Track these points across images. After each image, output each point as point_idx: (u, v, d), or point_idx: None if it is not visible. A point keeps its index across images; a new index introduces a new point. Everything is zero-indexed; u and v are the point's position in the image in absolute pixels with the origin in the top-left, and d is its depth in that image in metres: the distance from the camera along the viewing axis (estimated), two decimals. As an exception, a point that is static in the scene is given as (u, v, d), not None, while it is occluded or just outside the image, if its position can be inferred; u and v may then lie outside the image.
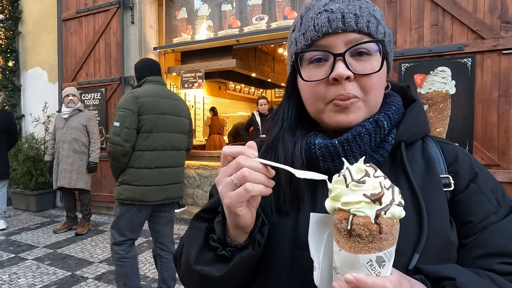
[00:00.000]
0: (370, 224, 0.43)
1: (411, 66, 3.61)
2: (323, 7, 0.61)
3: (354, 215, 0.44)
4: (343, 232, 0.45)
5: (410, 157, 0.64)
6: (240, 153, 0.52)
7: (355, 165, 0.47)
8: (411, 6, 3.61)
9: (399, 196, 0.45)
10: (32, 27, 6.78)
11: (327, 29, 0.60)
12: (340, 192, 0.46)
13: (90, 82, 5.86)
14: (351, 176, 0.46)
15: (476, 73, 3.34)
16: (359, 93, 0.61)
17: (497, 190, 0.63)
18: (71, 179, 4.58)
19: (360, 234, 0.43)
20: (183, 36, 5.72)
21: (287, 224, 0.62)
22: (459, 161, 0.65)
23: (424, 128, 0.69)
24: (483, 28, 3.30)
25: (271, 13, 4.98)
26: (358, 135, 0.61)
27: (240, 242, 0.58)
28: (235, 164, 0.51)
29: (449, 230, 0.59)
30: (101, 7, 5.69)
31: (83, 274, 3.51)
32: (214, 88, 9.53)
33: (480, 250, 0.58)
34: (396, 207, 0.44)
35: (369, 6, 0.62)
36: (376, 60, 0.61)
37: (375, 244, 0.44)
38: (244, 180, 0.50)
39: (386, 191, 0.44)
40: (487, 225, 0.59)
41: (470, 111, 3.37)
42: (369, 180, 0.45)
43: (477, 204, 0.61)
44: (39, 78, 6.68)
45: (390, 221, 0.44)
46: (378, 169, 0.47)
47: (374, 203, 0.43)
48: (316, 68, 0.62)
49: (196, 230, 0.62)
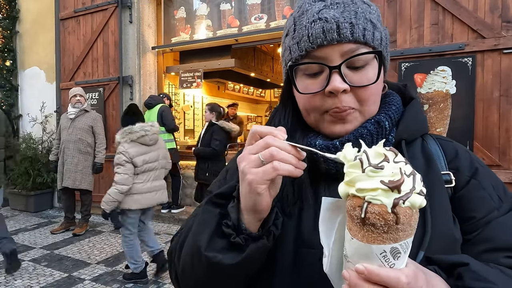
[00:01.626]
0: (386, 214, 0.40)
1: (411, 66, 3.58)
2: (317, 14, 0.59)
3: (369, 203, 0.41)
4: (356, 220, 0.42)
5: (411, 155, 0.64)
6: (270, 133, 0.51)
7: (373, 148, 0.44)
8: (411, 5, 3.58)
9: (421, 184, 0.42)
10: (29, 27, 6.74)
11: (322, 41, 0.58)
12: (355, 177, 0.43)
13: (88, 82, 5.82)
14: (368, 160, 0.43)
15: (477, 72, 3.31)
16: (356, 104, 0.60)
17: (498, 186, 0.64)
18: (75, 180, 4.58)
19: (375, 223, 0.40)
20: (182, 36, 5.68)
21: (290, 223, 0.61)
22: (459, 157, 0.65)
23: (423, 126, 0.69)
24: (483, 27, 3.28)
25: (270, 13, 4.96)
26: (359, 136, 0.60)
27: (254, 231, 0.55)
28: (263, 143, 0.50)
29: (452, 227, 0.59)
30: (99, 6, 5.65)
31: (80, 275, 3.48)
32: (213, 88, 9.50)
33: (484, 245, 0.58)
34: (417, 196, 0.41)
35: (365, 10, 0.60)
36: (372, 69, 0.60)
37: (390, 234, 0.41)
38: (272, 158, 0.49)
39: (407, 178, 0.41)
40: (490, 220, 0.59)
41: (470, 111, 3.35)
42: (388, 166, 0.42)
43: (479, 200, 0.61)
44: (37, 77, 6.64)
45: (409, 210, 0.41)
46: (399, 153, 0.44)
47: (392, 191, 0.40)
48: (311, 79, 0.61)
49: (209, 215, 0.58)
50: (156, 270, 3.41)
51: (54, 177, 6.08)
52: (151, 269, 3.46)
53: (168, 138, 5.17)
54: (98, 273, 3.52)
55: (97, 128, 4.73)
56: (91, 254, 4.03)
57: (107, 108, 5.69)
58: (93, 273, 3.53)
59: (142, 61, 5.58)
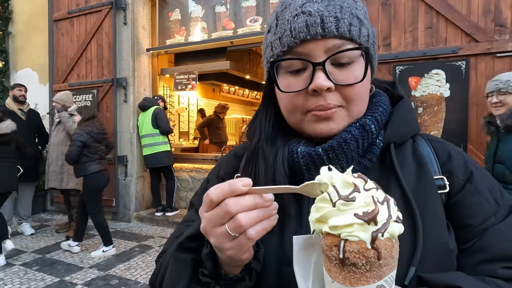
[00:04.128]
0: (366, 250, 0.36)
1: (406, 69, 3.60)
2: (300, 8, 0.55)
3: (346, 241, 0.37)
4: (335, 260, 0.38)
5: (401, 159, 0.60)
6: (231, 192, 0.43)
7: (340, 177, 0.40)
8: (406, 8, 3.60)
9: (396, 208, 0.39)
10: (22, 27, 6.67)
11: (305, 36, 0.54)
12: (326, 213, 0.39)
13: (81, 84, 5.77)
14: (337, 192, 0.39)
15: (470, 76, 3.34)
16: (341, 102, 0.57)
17: (495, 189, 0.59)
18: (62, 181, 4.63)
19: (356, 263, 0.37)
20: (177, 38, 5.66)
21: (272, 241, 0.57)
22: (452, 160, 0.61)
23: (414, 126, 0.65)
24: (477, 31, 3.31)
25: (265, 15, 4.96)
26: (343, 141, 0.57)
27: (235, 273, 0.51)
28: (223, 213, 0.43)
29: (447, 237, 0.55)
30: (93, 7, 5.61)
31: (72, 280, 3.42)
32: (208, 90, 9.47)
33: (481, 255, 0.54)
34: (395, 224, 0.38)
35: (351, 5, 0.56)
36: (359, 66, 0.56)
37: (374, 272, 0.37)
38: (242, 228, 0.42)
39: (381, 207, 0.38)
40: (486, 228, 0.55)
41: (464, 114, 3.37)
42: (360, 196, 0.38)
43: (475, 206, 0.57)
44: (30, 79, 6.56)
45: (389, 242, 0.37)
46: (368, 179, 0.40)
47: (369, 224, 0.37)
48: (294, 77, 0.57)
49: (181, 265, 0.53)
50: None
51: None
52: (143, 272, 3.39)
53: (162, 141, 5.14)
54: (90, 278, 3.46)
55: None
56: (84, 258, 3.97)
57: (101, 110, 5.64)
58: (86, 277, 3.48)
59: (137, 63, 5.55)
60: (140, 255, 4.02)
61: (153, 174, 5.36)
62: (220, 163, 0.75)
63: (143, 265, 3.75)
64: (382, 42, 3.69)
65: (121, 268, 3.68)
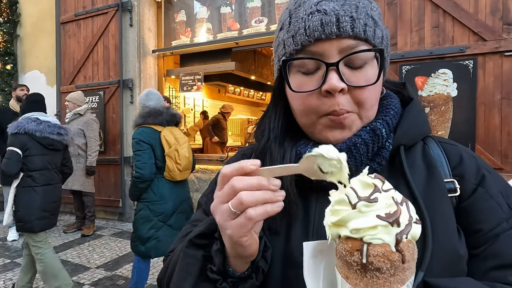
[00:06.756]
0: (391, 254, 0.35)
1: (412, 69, 3.57)
2: (315, 6, 0.54)
3: (369, 244, 0.35)
4: (356, 266, 0.36)
5: (410, 162, 0.58)
6: (240, 168, 0.44)
7: (358, 179, 0.39)
8: (412, 8, 3.57)
9: (414, 210, 0.38)
10: (30, 30, 6.75)
11: (320, 34, 0.53)
12: (346, 216, 0.37)
13: (88, 85, 5.82)
14: (356, 193, 0.37)
15: (478, 75, 3.30)
16: (353, 107, 0.56)
17: (508, 193, 0.58)
18: (67, 181, 4.61)
19: (380, 267, 0.35)
20: (182, 39, 5.68)
21: (278, 243, 0.57)
22: (464, 163, 0.59)
23: (424, 128, 0.63)
24: (484, 30, 3.27)
25: (271, 16, 4.95)
26: (353, 145, 0.56)
27: (242, 271, 0.51)
28: (228, 189, 0.44)
29: (457, 242, 0.53)
30: (100, 10, 5.66)
31: (80, 280, 3.45)
32: (214, 91, 9.50)
33: (493, 261, 0.53)
34: (415, 225, 0.37)
35: (366, 5, 0.55)
36: (372, 69, 0.55)
37: (397, 276, 0.35)
38: (243, 206, 0.43)
39: (402, 208, 0.36)
40: (498, 233, 0.54)
41: (472, 114, 3.33)
42: (381, 197, 0.36)
43: (487, 210, 0.55)
44: (37, 81, 6.64)
45: (411, 244, 0.36)
46: (385, 180, 0.39)
47: (392, 226, 0.35)
48: (306, 76, 0.56)
49: (190, 261, 0.53)
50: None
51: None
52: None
53: (168, 141, 5.16)
54: (97, 278, 3.49)
55: (88, 132, 4.82)
56: (91, 258, 4.00)
57: (107, 112, 5.69)
58: (93, 277, 3.51)
59: (143, 64, 5.58)
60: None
61: (159, 175, 5.38)
62: (228, 163, 0.75)
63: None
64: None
65: (128, 268, 3.69)
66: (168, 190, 2.73)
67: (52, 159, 2.87)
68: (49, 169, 2.83)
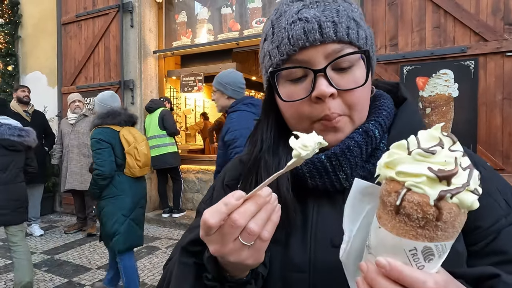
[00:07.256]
0: (426, 206, 0.34)
1: (413, 69, 3.57)
2: (296, 15, 0.54)
3: (408, 190, 0.35)
4: (389, 206, 0.36)
5: None
6: (228, 211, 0.43)
7: (428, 131, 0.38)
8: (413, 8, 3.57)
9: (478, 182, 0.36)
10: (31, 31, 6.76)
11: (304, 43, 0.53)
12: (397, 159, 0.37)
13: (89, 86, 5.83)
14: (418, 142, 0.36)
15: (479, 75, 3.29)
16: (344, 110, 0.56)
17: (505, 190, 0.58)
18: (82, 182, 4.70)
19: (410, 214, 0.34)
20: (183, 40, 5.69)
21: (277, 250, 0.57)
22: None
23: (419, 128, 0.62)
24: (486, 30, 3.26)
25: (271, 16, 4.96)
26: (346, 148, 0.56)
27: (241, 276, 0.51)
28: (234, 230, 0.43)
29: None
30: (101, 10, 5.67)
31: (80, 281, 3.45)
32: (214, 92, 9.50)
33: (495, 257, 0.53)
34: (469, 194, 0.34)
35: (347, 7, 0.56)
36: (359, 70, 0.56)
37: (426, 231, 0.35)
38: (256, 236, 0.43)
39: (461, 171, 0.34)
40: (498, 230, 0.54)
41: (473, 114, 3.32)
42: (441, 152, 0.35)
43: (484, 208, 0.54)
44: (39, 82, 6.65)
45: (455, 208, 0.34)
46: (457, 141, 0.37)
47: (441, 181, 0.33)
48: (295, 85, 0.57)
49: (184, 268, 0.52)
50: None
51: (55, 181, 6.08)
52: (150, 274, 3.41)
53: (169, 142, 5.16)
54: (98, 278, 3.49)
55: None
56: (92, 259, 4.00)
57: (108, 112, 5.69)
58: (94, 278, 3.51)
59: (143, 65, 5.59)
60: (147, 256, 4.04)
61: (160, 176, 5.39)
62: (225, 170, 0.75)
63: (150, 266, 3.76)
64: (389, 42, 3.65)
65: (129, 269, 3.70)
66: (129, 185, 2.84)
67: (14, 159, 3.00)
68: (10, 168, 2.97)
